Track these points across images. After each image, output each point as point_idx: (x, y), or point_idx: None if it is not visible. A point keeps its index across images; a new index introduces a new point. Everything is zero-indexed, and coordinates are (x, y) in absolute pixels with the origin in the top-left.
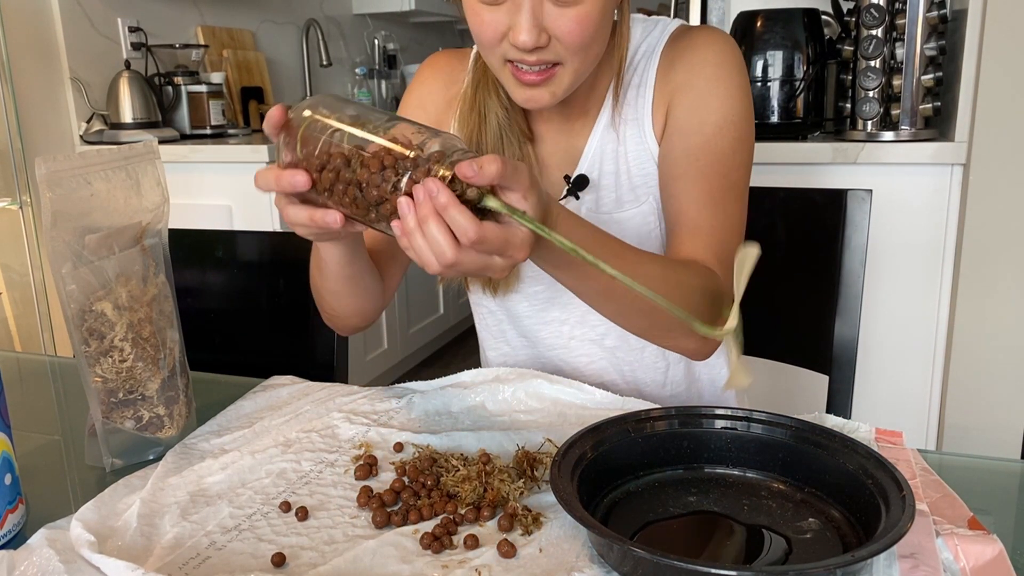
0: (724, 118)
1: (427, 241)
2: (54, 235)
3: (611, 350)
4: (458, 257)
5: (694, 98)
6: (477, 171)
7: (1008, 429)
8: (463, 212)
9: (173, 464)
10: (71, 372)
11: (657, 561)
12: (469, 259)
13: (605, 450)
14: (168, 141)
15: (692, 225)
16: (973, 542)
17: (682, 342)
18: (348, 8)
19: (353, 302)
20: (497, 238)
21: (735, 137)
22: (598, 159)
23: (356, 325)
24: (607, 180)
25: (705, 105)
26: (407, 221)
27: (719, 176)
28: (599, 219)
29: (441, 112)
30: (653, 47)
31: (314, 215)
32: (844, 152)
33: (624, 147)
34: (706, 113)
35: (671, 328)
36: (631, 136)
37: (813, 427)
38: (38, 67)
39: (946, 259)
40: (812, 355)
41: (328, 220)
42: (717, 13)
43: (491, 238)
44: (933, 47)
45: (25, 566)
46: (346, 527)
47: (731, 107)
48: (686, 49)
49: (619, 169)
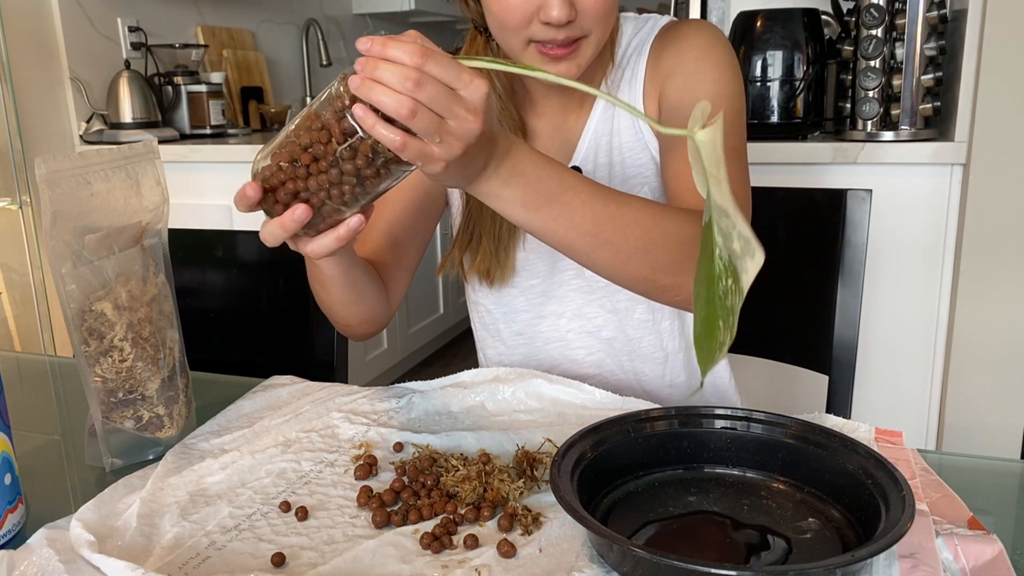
0: (716, 92)
1: (383, 81)
2: (54, 235)
3: (608, 341)
4: (419, 76)
5: (684, 79)
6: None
7: (1008, 429)
8: (401, 43)
9: (173, 464)
10: (71, 372)
11: (657, 561)
12: (430, 83)
13: (605, 450)
14: (168, 141)
15: (690, 182)
16: (973, 542)
17: (687, 284)
18: (348, 8)
19: (361, 309)
20: (448, 60)
21: (729, 108)
22: (593, 150)
23: (368, 332)
24: (602, 171)
25: (696, 82)
26: (362, 80)
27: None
28: None
29: None
30: (643, 42)
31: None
32: (844, 152)
33: (619, 138)
34: (698, 89)
35: (674, 269)
36: (625, 127)
37: (813, 427)
38: (38, 67)
39: (946, 259)
40: (812, 355)
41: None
42: (717, 13)
43: (440, 58)
44: (933, 47)
45: (25, 566)
46: (346, 527)
47: (722, 82)
48: (673, 39)
49: (613, 160)
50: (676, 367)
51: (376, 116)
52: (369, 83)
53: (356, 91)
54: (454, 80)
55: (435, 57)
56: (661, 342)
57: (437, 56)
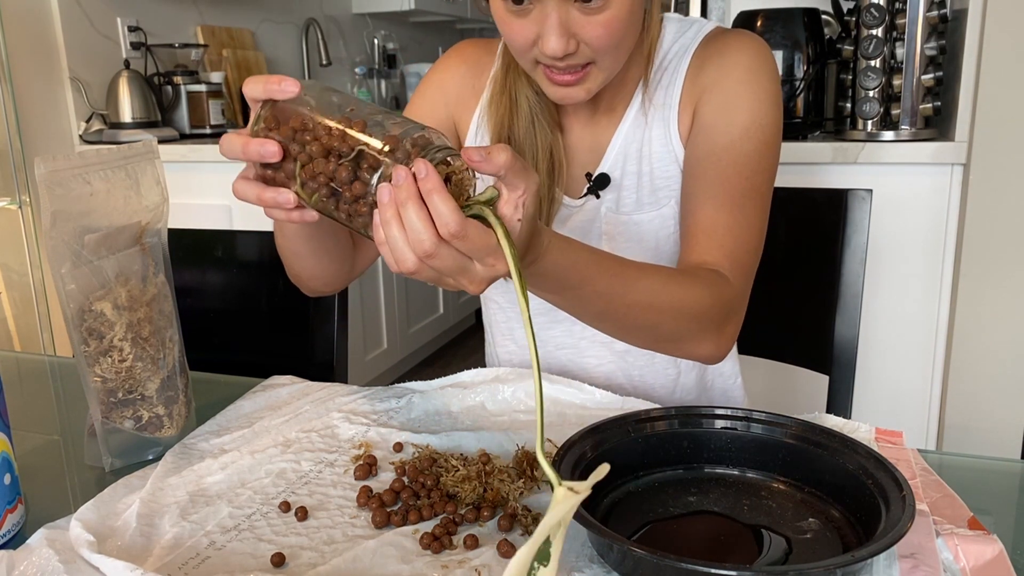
0: (752, 121)
1: (404, 229)
2: (53, 235)
3: (621, 354)
4: (436, 250)
5: (722, 99)
6: (485, 157)
7: (1008, 429)
8: (448, 200)
9: (172, 464)
10: (70, 372)
11: (657, 561)
12: (447, 255)
13: (605, 450)
14: (167, 141)
15: (707, 224)
16: (973, 542)
17: (693, 349)
18: (348, 7)
19: (314, 264)
20: (479, 239)
21: (761, 141)
22: (622, 157)
23: (319, 289)
24: (629, 180)
25: (733, 106)
26: (385, 211)
27: (741, 178)
28: (618, 219)
29: (462, 98)
30: (686, 48)
31: (263, 195)
32: (844, 152)
33: (649, 147)
34: (734, 114)
35: (678, 338)
36: (657, 136)
37: (813, 427)
38: (38, 67)
39: (946, 259)
40: (812, 355)
41: (280, 200)
42: (717, 13)
43: (473, 236)
44: (933, 47)
45: (24, 566)
46: (346, 527)
47: (760, 111)
48: (718, 51)
49: (642, 170)
50: (688, 384)
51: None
52: (390, 224)
53: (379, 213)
54: (478, 253)
55: (468, 237)
56: (675, 359)
57: (470, 234)
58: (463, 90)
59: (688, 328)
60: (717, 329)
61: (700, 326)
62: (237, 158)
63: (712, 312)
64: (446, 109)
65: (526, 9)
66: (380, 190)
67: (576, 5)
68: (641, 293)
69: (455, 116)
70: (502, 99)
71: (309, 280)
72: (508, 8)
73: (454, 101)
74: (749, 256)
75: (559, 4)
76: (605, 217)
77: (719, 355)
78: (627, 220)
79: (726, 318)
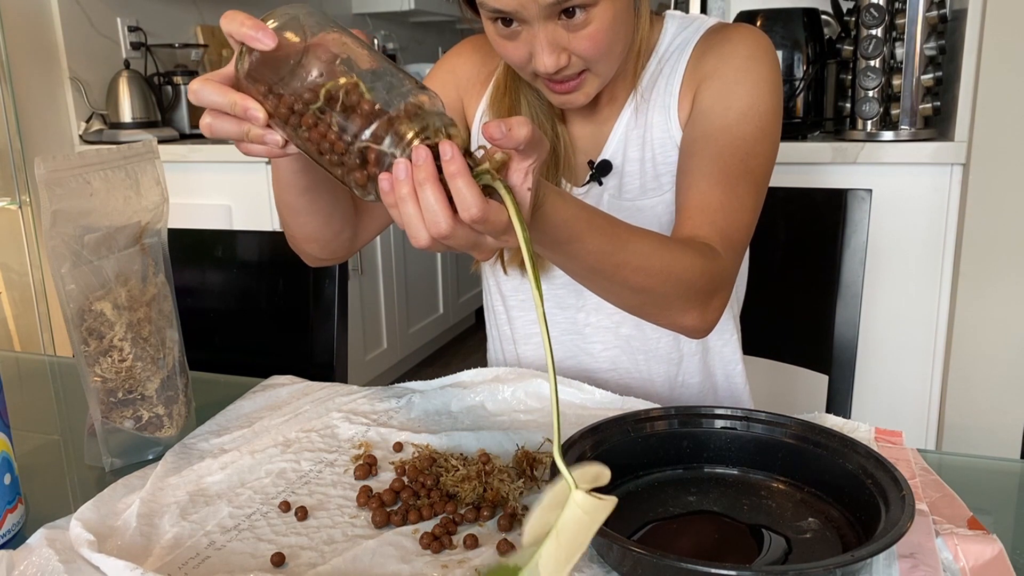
0: (750, 107)
1: (420, 209)
2: (53, 235)
3: (626, 339)
4: (452, 232)
5: (721, 85)
6: (505, 132)
7: (1008, 429)
8: (473, 186)
9: (172, 464)
10: (70, 372)
11: (657, 561)
12: (462, 234)
13: (605, 450)
14: (167, 141)
15: (701, 200)
16: (973, 542)
17: (679, 318)
18: (348, 7)
19: (311, 222)
20: (497, 220)
21: (758, 127)
22: (623, 145)
23: (319, 256)
24: (631, 167)
25: (732, 92)
26: (400, 187)
27: (736, 159)
28: (621, 205)
29: (472, 84)
30: (687, 41)
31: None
32: (844, 152)
33: (650, 134)
34: (732, 99)
35: (666, 304)
36: (657, 123)
37: (813, 427)
38: (38, 67)
39: (946, 259)
40: (812, 355)
41: (268, 140)
42: (717, 12)
43: (493, 219)
44: (933, 47)
45: (24, 566)
46: (346, 527)
47: (758, 98)
48: (719, 41)
49: (643, 156)
50: (691, 368)
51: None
52: (406, 201)
53: (388, 200)
54: (493, 231)
55: (489, 221)
56: (678, 343)
57: (491, 218)
58: (473, 76)
59: (676, 294)
60: (704, 300)
61: (688, 294)
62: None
63: (701, 282)
64: (456, 92)
65: (515, 32)
66: (396, 165)
67: (561, 23)
68: (632, 254)
69: (464, 100)
70: (504, 99)
71: (305, 242)
72: (499, 32)
73: (464, 84)
74: (740, 234)
75: (544, 24)
76: (608, 203)
77: (704, 328)
78: (630, 206)
79: (714, 291)
